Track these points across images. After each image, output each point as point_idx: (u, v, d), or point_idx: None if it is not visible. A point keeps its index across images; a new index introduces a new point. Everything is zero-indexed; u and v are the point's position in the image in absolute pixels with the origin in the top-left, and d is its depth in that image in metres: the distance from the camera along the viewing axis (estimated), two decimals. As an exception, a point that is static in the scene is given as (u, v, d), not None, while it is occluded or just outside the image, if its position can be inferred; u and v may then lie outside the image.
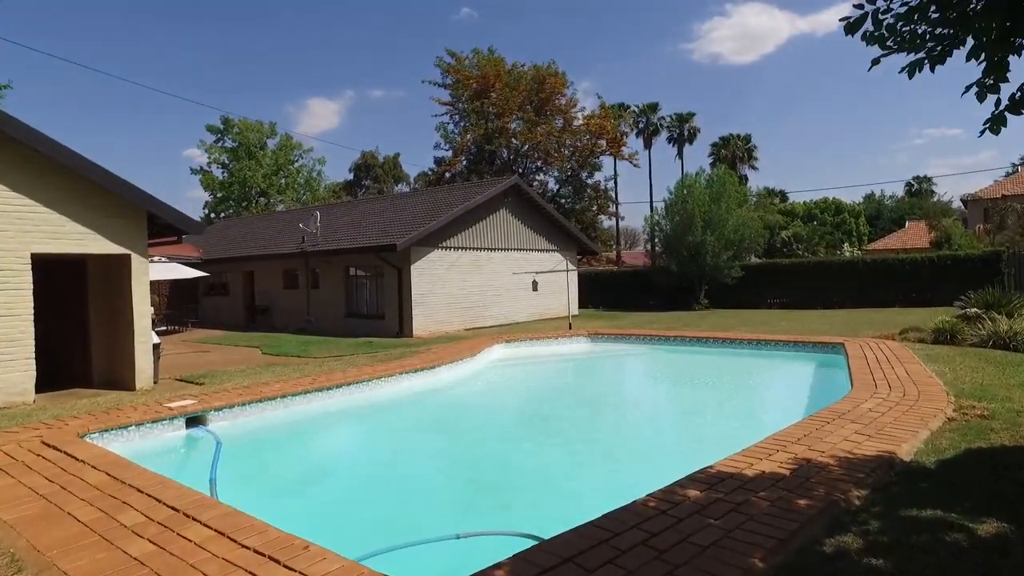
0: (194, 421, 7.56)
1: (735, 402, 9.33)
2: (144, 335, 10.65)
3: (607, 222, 50.62)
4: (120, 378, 10.88)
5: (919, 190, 72.16)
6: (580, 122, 42.23)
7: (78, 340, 11.40)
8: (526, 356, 14.32)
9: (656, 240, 31.47)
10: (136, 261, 10.55)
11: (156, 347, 11.52)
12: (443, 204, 22.45)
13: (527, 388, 12.02)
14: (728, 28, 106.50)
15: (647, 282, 31.05)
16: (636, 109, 57.63)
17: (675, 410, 9.45)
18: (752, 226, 29.17)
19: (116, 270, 10.81)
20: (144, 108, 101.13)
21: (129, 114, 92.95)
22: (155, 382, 11.04)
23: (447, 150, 44.26)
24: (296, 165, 53.09)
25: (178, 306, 28.80)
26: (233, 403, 7.82)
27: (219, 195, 49.99)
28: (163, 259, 22.30)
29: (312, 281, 23.75)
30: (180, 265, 23.60)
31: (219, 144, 50.72)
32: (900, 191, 77.45)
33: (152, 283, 28.20)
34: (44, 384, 10.42)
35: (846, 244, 50.26)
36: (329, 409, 9.00)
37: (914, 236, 44.55)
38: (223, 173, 50.57)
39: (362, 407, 9.39)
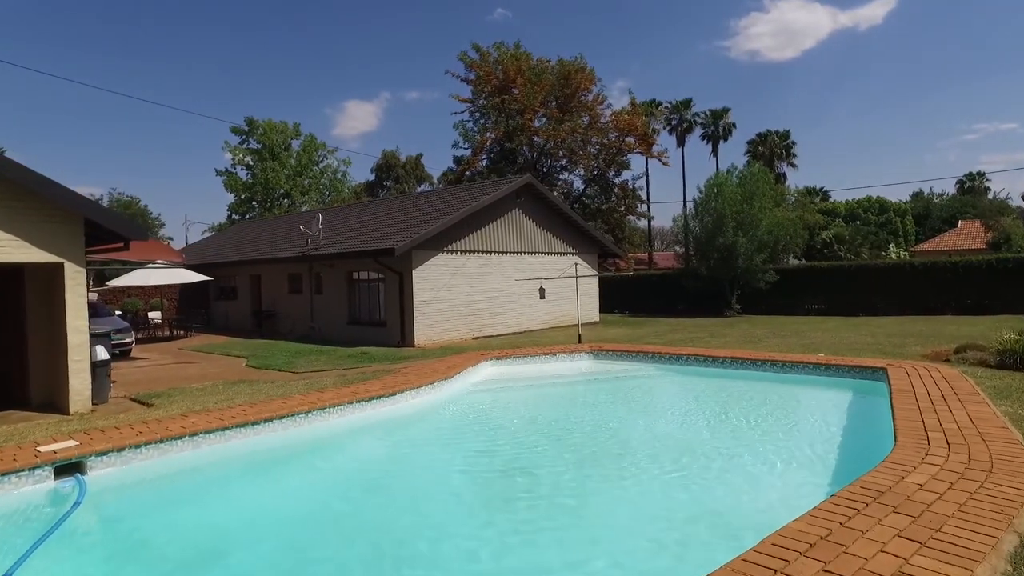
0: (68, 469, 6.16)
1: (737, 458, 7.03)
2: (80, 352, 9.50)
3: (639, 223, 48.65)
4: (57, 400, 9.76)
5: (972, 187, 68.06)
6: (607, 119, 40.40)
7: (15, 357, 10.31)
8: (514, 377, 12.42)
9: (688, 242, 29.64)
10: (70, 270, 9.41)
11: (104, 364, 10.39)
12: (454, 205, 21.07)
13: (500, 426, 9.40)
14: (766, 24, 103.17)
15: (676, 286, 29.22)
16: (668, 106, 55.43)
17: (657, 468, 6.88)
18: (788, 227, 27.09)
19: (59, 280, 9.69)
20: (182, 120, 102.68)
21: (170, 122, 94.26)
22: (95, 403, 9.89)
23: (466, 149, 42.96)
24: (320, 166, 52.44)
25: (187, 311, 28.10)
26: (124, 444, 6.47)
27: (243, 196, 49.56)
28: (166, 264, 21.48)
29: (316, 286, 22.65)
30: (184, 270, 22.76)
31: (244, 145, 50.35)
32: (951, 188, 73.35)
33: (159, 288, 27.98)
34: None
35: (892, 245, 47.27)
36: (252, 450, 7.36)
37: (968, 236, 41.50)
38: (247, 175, 50.17)
39: (292, 449, 7.73)
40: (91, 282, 35.69)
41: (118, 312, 21.31)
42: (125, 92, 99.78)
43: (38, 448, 6.28)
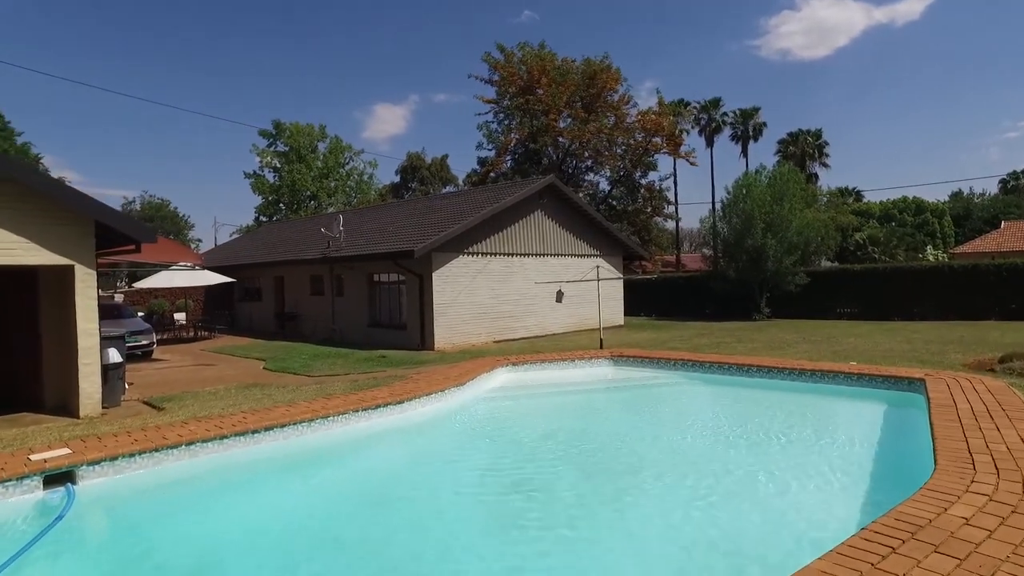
0: (60, 479, 5.85)
1: (758, 480, 6.34)
2: (90, 356, 9.41)
3: (667, 224, 47.87)
4: (69, 403, 9.68)
5: (1016, 186, 65.73)
6: (633, 119, 39.77)
7: (30, 360, 10.28)
8: (529, 385, 11.88)
9: (716, 244, 28.97)
10: (80, 272, 9.32)
11: (116, 366, 10.31)
12: (476, 207, 20.78)
13: (511, 439, 8.78)
14: (798, 22, 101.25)
15: (703, 289, 28.57)
16: (696, 106, 54.51)
17: (670, 490, 6.27)
18: (820, 228, 26.26)
19: (69, 283, 9.62)
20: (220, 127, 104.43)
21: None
22: (107, 406, 9.81)
23: (490, 150, 42.68)
24: (347, 168, 52.68)
25: (212, 312, 28.29)
26: (117, 453, 6.25)
27: (270, 199, 49.99)
28: (191, 266, 21.59)
29: (337, 288, 22.55)
30: (207, 272, 22.88)
31: (271, 148, 50.79)
32: (993, 188, 70.93)
33: (184, 289, 28.21)
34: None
35: (929, 247, 45.80)
36: (252, 460, 7.05)
37: (1012, 238, 39.85)
38: (275, 177, 50.60)
39: (293, 459, 7.37)
40: (124, 283, 36.21)
41: (141, 313, 21.47)
42: (160, 101, 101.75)
43: (29, 456, 6.11)
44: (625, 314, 26.08)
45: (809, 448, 7.67)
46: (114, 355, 10.28)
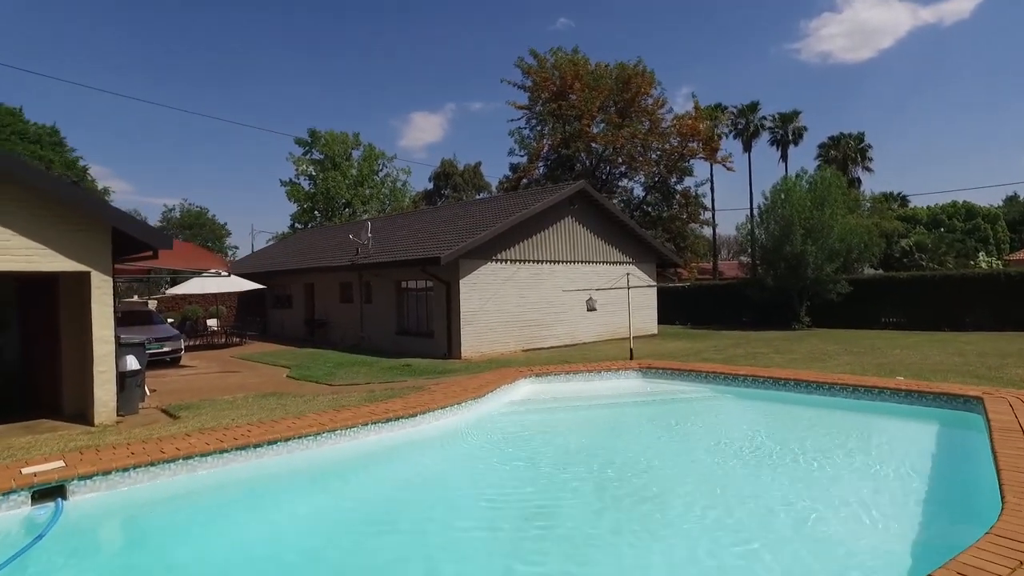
0: (51, 494, 5.65)
1: (791, 515, 5.60)
2: (105, 363, 9.30)
3: (703, 231, 46.89)
4: (86, 410, 9.59)
5: (1073, 191, 62.71)
6: (668, 123, 39.04)
7: (51, 366, 10.25)
8: (552, 398, 11.23)
9: (754, 251, 28.10)
10: (97, 279, 9.24)
11: (134, 374, 10.20)
12: (505, 213, 20.43)
13: (527, 458, 7.95)
14: (839, 24, 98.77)
15: (740, 297, 27.69)
16: (734, 110, 53.32)
17: (689, 518, 5.67)
18: (863, 234, 25.18)
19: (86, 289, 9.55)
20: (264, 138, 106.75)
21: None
22: (124, 414, 9.71)
23: (522, 156, 42.34)
24: (381, 175, 52.98)
25: (244, 318, 28.50)
26: (111, 468, 6.00)
27: (305, 206, 50.52)
28: (222, 273, 21.72)
29: (365, 295, 22.43)
30: (237, 279, 23.00)
31: (307, 156, 51.39)
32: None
33: (218, 295, 28.49)
34: (11, 412, 9.85)
35: (982, 253, 43.81)
36: (253, 475, 6.71)
37: (1070, 244, 37.89)
38: (310, 185, 51.15)
39: (296, 475, 7.00)
40: (165, 289, 36.84)
41: (170, 320, 21.67)
42: (204, 112, 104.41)
43: (22, 470, 5.90)
44: (659, 322, 25.41)
45: (851, 474, 6.89)
46: (132, 362, 10.17)
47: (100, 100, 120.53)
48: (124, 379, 10.04)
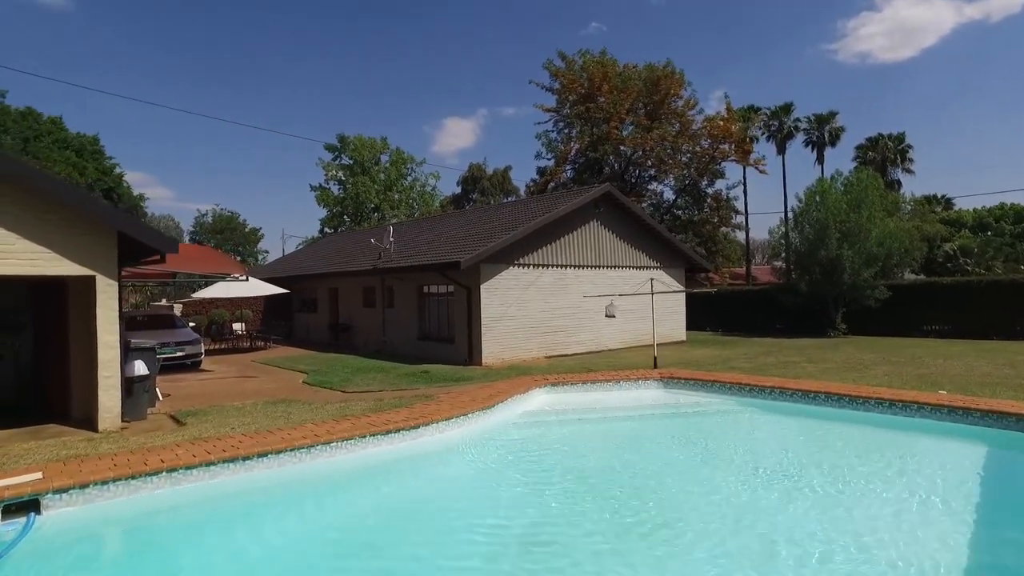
0: (25, 507, 5.38)
1: (817, 554, 4.82)
2: (109, 368, 9.16)
3: (735, 235, 45.84)
4: (92, 415, 9.45)
5: None
6: (699, 125, 38.23)
7: (60, 371, 10.17)
8: (566, 409, 10.59)
9: (788, 255, 27.23)
10: (102, 283, 9.10)
11: (142, 379, 10.04)
12: (529, 217, 20.03)
13: (532, 479, 7.29)
14: (879, 24, 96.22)
15: (773, 303, 26.79)
16: (767, 112, 52.12)
17: (699, 551, 5.04)
18: (903, 238, 24.14)
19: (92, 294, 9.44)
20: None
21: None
22: (129, 420, 9.56)
23: (549, 159, 41.90)
24: (409, 179, 53.09)
25: (269, 323, 28.60)
26: (88, 481, 5.71)
27: (334, 211, 50.85)
28: (239, 277, 21.71)
29: (388, 300, 22.24)
30: (261, 283, 23.01)
31: (336, 162, 51.78)
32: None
33: (245, 300, 28.62)
34: (19, 417, 9.78)
35: (1032, 258, 41.88)
36: (241, 489, 6.34)
37: None
38: (339, 189, 51.49)
39: (286, 491, 6.59)
40: (191, 293, 37.32)
41: (191, 324, 21.77)
42: (240, 121, 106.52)
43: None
44: (689, 329, 24.72)
45: (886, 505, 6.07)
46: (140, 367, 10.02)
47: (143, 110, 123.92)
48: (132, 384, 9.90)
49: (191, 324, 21.51)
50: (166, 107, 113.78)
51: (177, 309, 26.67)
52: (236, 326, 25.66)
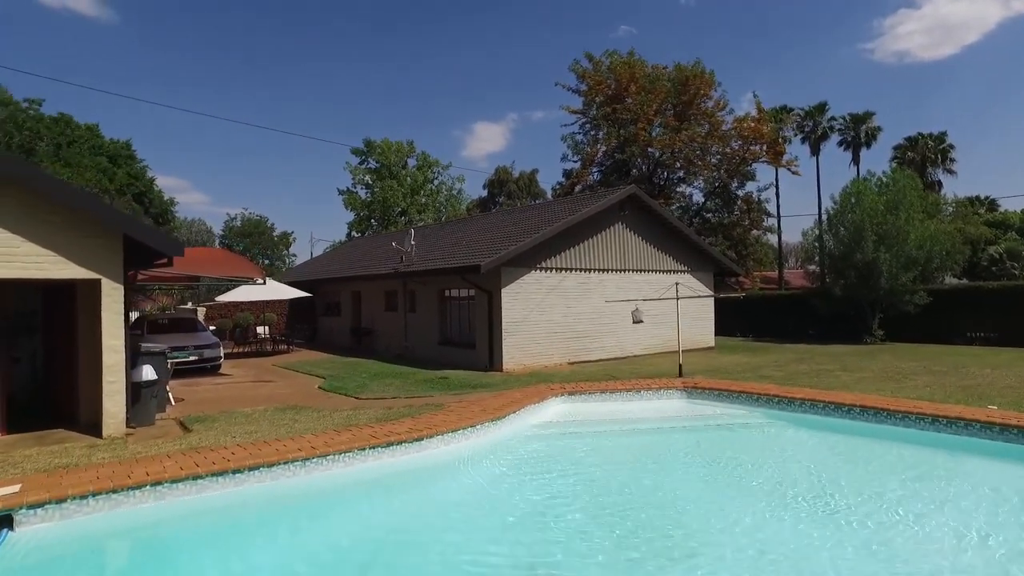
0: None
1: None
2: (114, 373, 8.97)
3: (767, 238, 44.72)
4: (97, 421, 9.29)
5: None
6: (729, 126, 37.34)
7: (69, 374, 10.05)
8: (581, 420, 9.99)
9: (822, 259, 26.29)
10: (107, 287, 8.93)
11: (150, 384, 9.86)
12: (552, 220, 19.59)
13: (537, 501, 6.66)
14: (918, 21, 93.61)
15: (807, 308, 25.89)
16: (800, 112, 50.80)
17: None
18: (944, 241, 23.08)
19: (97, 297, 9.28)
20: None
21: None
22: (134, 426, 9.38)
23: (575, 161, 41.34)
24: (436, 183, 53.03)
25: (293, 326, 28.61)
26: (65, 495, 5.40)
27: (361, 214, 50.98)
28: (257, 280, 21.61)
29: (409, 304, 21.99)
30: (283, 286, 22.99)
31: (363, 166, 51.96)
32: None
33: (270, 303, 28.68)
34: (34, 420, 9.69)
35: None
36: (229, 504, 5.99)
37: None
38: (366, 193, 51.62)
39: (277, 507, 6.22)
40: (215, 296, 37.71)
41: (212, 328, 21.82)
42: (272, 126, 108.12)
43: (-22, 495, 5.44)
44: (719, 334, 24.00)
45: (929, 543, 5.33)
46: (148, 372, 9.84)
47: (177, 117, 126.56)
48: (139, 389, 9.72)
49: (211, 328, 21.53)
50: (203, 114, 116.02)
51: (201, 312, 26.83)
52: (260, 329, 25.68)
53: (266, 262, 60.34)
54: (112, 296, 8.97)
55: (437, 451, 7.83)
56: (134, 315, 23.14)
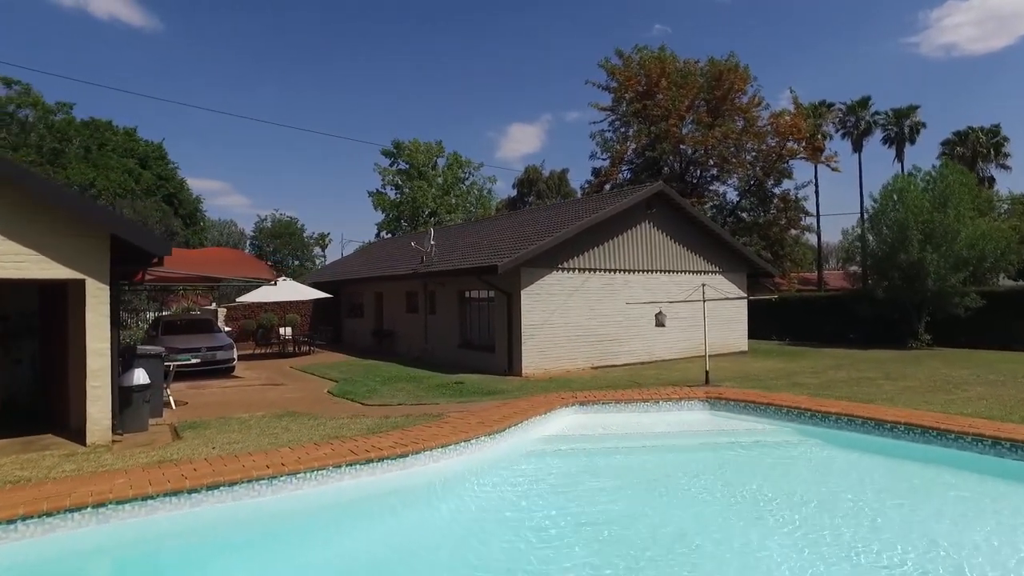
0: None
1: None
2: (99, 378, 8.55)
3: (805, 237, 43.06)
4: (84, 426, 8.89)
5: None
6: (765, 122, 36.00)
7: (58, 379, 9.69)
8: (593, 434, 9.13)
9: (864, 259, 24.93)
10: (92, 287, 8.52)
11: (142, 388, 9.44)
12: (578, 218, 18.80)
13: (533, 530, 5.77)
14: (966, 13, 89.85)
15: (847, 311, 24.56)
16: (841, 107, 48.93)
17: None
18: (999, 240, 21.56)
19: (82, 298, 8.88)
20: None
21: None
22: (122, 432, 8.95)
23: (604, 159, 40.36)
24: (467, 183, 52.55)
25: (316, 327, 28.35)
26: (15, 515, 4.86)
27: (391, 215, 50.78)
28: (270, 281, 21.29)
29: (429, 306, 21.45)
30: (303, 287, 22.70)
31: (393, 167, 51.77)
32: None
33: (293, 304, 28.45)
34: (25, 424, 9.48)
35: None
36: (181, 529, 5.40)
37: None
38: (396, 194, 51.42)
39: (235, 533, 5.58)
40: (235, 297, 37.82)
41: (227, 328, 21.59)
42: (308, 128, 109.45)
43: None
44: (754, 337, 22.90)
45: None
46: (140, 376, 9.44)
47: (215, 120, 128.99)
48: (131, 394, 9.32)
49: (228, 329, 21.30)
50: (241, 116, 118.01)
51: (222, 313, 26.71)
52: (283, 330, 25.45)
53: (296, 263, 60.61)
54: (98, 297, 8.55)
55: (423, 469, 7.07)
56: (151, 316, 23.11)
